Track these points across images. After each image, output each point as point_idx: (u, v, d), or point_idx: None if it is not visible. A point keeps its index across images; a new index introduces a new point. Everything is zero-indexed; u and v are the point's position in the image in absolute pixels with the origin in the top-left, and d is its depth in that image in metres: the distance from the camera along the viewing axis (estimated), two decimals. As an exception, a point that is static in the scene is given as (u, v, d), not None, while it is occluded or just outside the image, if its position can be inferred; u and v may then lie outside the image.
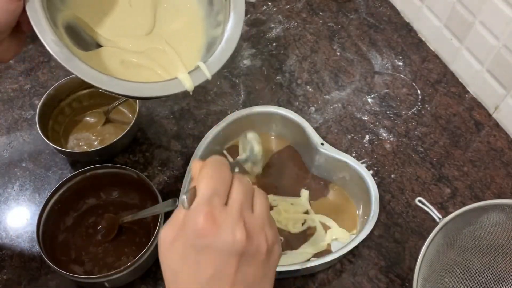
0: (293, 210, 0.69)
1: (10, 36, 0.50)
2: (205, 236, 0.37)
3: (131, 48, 0.56)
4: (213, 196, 0.39)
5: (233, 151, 0.74)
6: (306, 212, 0.70)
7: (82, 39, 0.55)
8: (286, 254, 0.66)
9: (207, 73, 0.51)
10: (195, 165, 0.42)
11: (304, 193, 0.71)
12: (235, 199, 0.40)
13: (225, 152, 0.74)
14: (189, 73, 0.51)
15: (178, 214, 0.40)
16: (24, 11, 0.47)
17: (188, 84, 0.50)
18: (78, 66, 0.47)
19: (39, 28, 0.46)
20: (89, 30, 0.55)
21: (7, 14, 0.46)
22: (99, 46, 0.55)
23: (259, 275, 0.39)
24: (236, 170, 0.55)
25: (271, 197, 0.70)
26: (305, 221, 0.69)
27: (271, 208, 0.69)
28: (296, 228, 0.68)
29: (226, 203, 0.39)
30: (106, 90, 0.48)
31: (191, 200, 0.39)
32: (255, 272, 0.39)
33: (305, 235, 0.68)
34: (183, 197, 0.39)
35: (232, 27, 0.54)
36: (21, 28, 0.50)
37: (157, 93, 0.50)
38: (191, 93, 0.51)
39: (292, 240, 0.67)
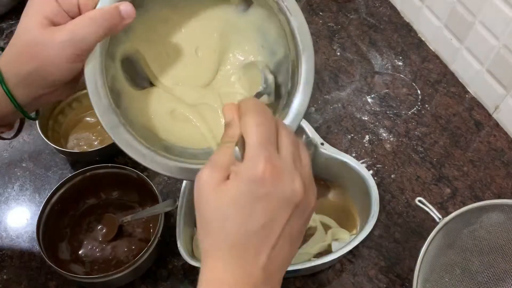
0: None
1: (65, 85, 0.47)
2: (265, 183, 0.35)
3: (185, 99, 0.52)
4: (268, 144, 0.36)
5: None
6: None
7: (137, 74, 0.52)
8: None
9: None
10: (230, 110, 0.39)
11: None
12: (287, 148, 0.37)
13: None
14: None
15: (222, 158, 0.37)
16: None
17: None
18: (121, 135, 0.45)
19: (93, 91, 0.44)
20: (146, 67, 0.52)
21: (68, 72, 0.44)
22: (152, 84, 0.52)
23: (300, 230, 0.38)
24: None
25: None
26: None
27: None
28: None
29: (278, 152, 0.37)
30: (146, 167, 0.45)
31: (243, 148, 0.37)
32: (299, 226, 0.38)
33: (306, 235, 0.68)
34: (236, 148, 0.37)
35: (298, 106, 0.48)
36: (75, 78, 0.48)
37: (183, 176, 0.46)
38: None
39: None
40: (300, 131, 0.71)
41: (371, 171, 0.75)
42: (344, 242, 0.65)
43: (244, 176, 0.35)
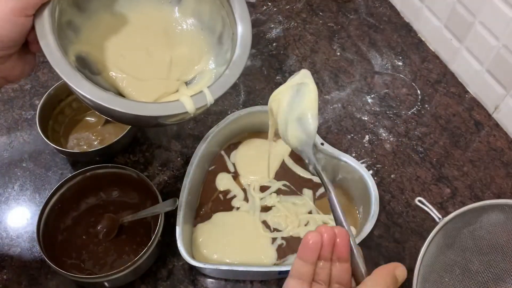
0: (295, 210, 0.69)
1: (18, 54, 0.50)
2: None
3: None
4: None
5: (231, 149, 0.75)
6: (310, 212, 0.69)
7: (91, 71, 0.56)
8: (286, 259, 0.65)
9: (209, 97, 0.52)
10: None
11: (307, 192, 0.71)
12: None
13: (222, 152, 0.74)
14: (192, 96, 0.52)
15: None
16: (32, 29, 0.47)
17: (189, 106, 0.51)
18: (72, 75, 0.48)
19: (47, 50, 0.47)
20: (100, 66, 0.56)
21: (13, 27, 0.46)
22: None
23: None
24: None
25: (274, 196, 0.70)
26: (308, 222, 0.69)
27: (270, 208, 0.69)
28: (299, 230, 0.67)
29: None
30: (104, 107, 0.48)
31: None
32: None
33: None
34: None
35: (238, 56, 0.55)
36: (29, 48, 0.50)
37: (158, 112, 0.50)
38: (192, 115, 0.52)
39: (294, 243, 0.67)
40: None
41: (371, 171, 0.75)
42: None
43: None
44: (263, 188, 0.71)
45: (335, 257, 0.42)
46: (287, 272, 0.62)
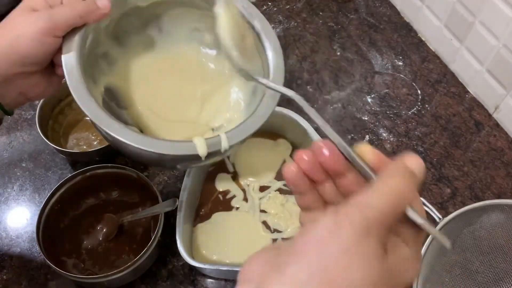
0: (297, 210, 0.69)
1: (42, 74, 0.50)
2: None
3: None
4: None
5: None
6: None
7: (118, 104, 0.54)
8: None
9: (224, 143, 0.46)
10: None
11: None
12: None
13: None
14: (207, 139, 0.46)
15: None
16: (59, 52, 0.47)
17: (201, 149, 0.45)
18: (89, 102, 0.46)
19: (68, 71, 0.46)
20: (128, 101, 0.55)
21: (39, 46, 0.46)
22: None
23: None
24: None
25: (275, 195, 0.70)
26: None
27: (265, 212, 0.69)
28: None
29: None
30: (110, 136, 0.45)
31: None
32: None
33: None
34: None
35: (265, 105, 0.50)
36: (55, 70, 0.50)
37: (167, 150, 0.45)
38: (203, 159, 0.46)
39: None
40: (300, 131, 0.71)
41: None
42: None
43: None
44: (262, 188, 0.71)
45: (333, 174, 0.34)
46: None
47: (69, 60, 0.47)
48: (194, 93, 0.57)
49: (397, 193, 0.29)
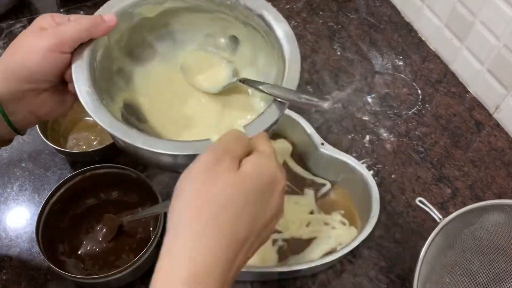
0: (297, 210, 0.69)
1: (52, 92, 0.50)
2: (279, 182, 0.40)
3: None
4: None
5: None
6: (311, 213, 0.69)
7: (138, 118, 0.54)
8: (288, 261, 0.65)
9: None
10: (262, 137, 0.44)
11: (309, 192, 0.71)
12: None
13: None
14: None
15: (222, 154, 0.39)
16: (70, 69, 0.47)
17: None
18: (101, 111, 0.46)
19: (78, 84, 0.46)
20: (148, 114, 0.54)
21: (47, 62, 0.46)
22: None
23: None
24: None
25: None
26: (309, 222, 0.68)
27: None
28: (300, 231, 0.67)
29: None
30: (121, 140, 0.44)
31: None
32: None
33: (307, 240, 0.67)
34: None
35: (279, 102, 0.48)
36: (67, 88, 0.50)
37: (177, 150, 0.44)
38: None
39: (295, 244, 0.67)
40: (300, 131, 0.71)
41: (371, 171, 0.75)
42: (345, 243, 0.65)
43: (263, 175, 0.40)
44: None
45: None
46: (287, 273, 0.62)
47: (79, 74, 0.47)
48: (215, 102, 0.56)
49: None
